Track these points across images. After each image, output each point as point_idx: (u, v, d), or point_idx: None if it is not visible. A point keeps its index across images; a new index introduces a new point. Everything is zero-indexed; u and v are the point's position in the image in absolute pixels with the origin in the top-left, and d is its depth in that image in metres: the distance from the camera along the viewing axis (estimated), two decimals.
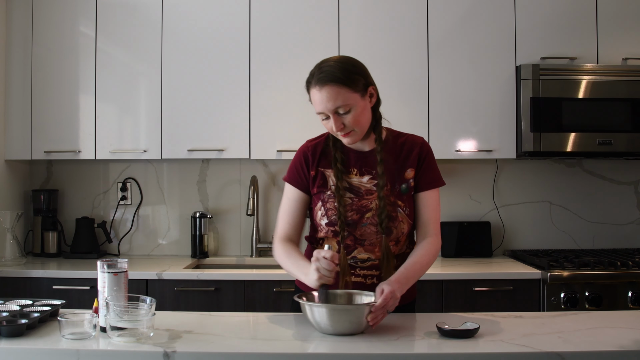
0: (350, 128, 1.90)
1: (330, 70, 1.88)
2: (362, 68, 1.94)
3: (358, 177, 1.99)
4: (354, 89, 1.88)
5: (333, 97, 1.86)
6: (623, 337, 1.71)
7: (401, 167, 2.00)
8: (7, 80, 3.44)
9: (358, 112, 1.90)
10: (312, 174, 2.01)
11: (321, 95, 1.87)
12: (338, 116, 1.89)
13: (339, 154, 1.99)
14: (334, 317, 1.69)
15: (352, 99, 1.88)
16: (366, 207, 1.97)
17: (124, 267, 1.77)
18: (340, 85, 1.86)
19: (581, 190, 3.68)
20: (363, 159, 2.00)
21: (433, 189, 2.03)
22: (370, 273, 1.99)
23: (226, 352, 1.60)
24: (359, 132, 1.93)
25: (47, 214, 3.58)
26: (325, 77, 1.87)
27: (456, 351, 1.59)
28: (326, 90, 1.86)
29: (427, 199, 2.02)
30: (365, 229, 1.96)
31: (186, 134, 3.38)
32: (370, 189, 1.98)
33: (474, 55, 3.34)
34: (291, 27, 3.36)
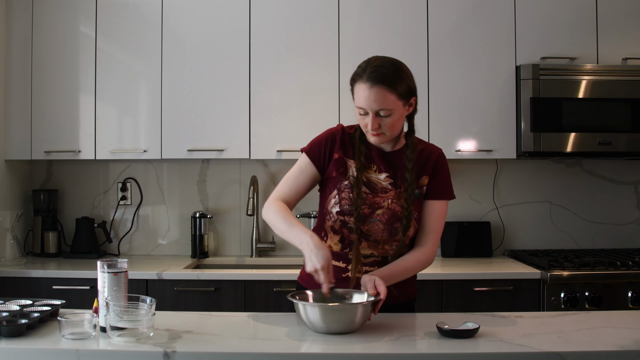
0: (383, 130, 1.93)
1: (385, 71, 1.89)
2: (412, 77, 1.96)
3: (376, 174, 2.01)
4: (401, 96, 1.91)
5: (380, 99, 1.88)
6: (623, 337, 1.71)
7: (418, 173, 2.02)
8: (7, 80, 3.44)
9: (396, 118, 1.92)
10: (336, 157, 2.02)
11: (369, 93, 1.89)
12: (377, 117, 1.91)
13: (363, 148, 2.01)
14: (326, 316, 1.70)
15: (396, 105, 1.91)
16: (378, 204, 1.98)
17: (124, 267, 1.77)
18: (391, 90, 1.88)
19: (581, 190, 3.68)
20: (384, 158, 2.03)
21: (442, 200, 2.03)
22: (372, 269, 1.99)
23: (226, 352, 1.60)
24: (389, 136, 1.96)
25: (47, 214, 3.58)
26: (379, 77, 1.88)
27: (456, 351, 1.59)
28: (376, 90, 1.88)
29: (434, 208, 2.03)
30: (373, 224, 1.98)
31: (186, 134, 3.38)
32: (385, 187, 2.00)
33: (474, 55, 3.34)
34: (291, 28, 3.36)
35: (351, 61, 3.34)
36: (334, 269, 1.86)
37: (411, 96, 1.96)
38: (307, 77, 3.33)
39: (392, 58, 1.97)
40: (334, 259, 1.99)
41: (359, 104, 1.93)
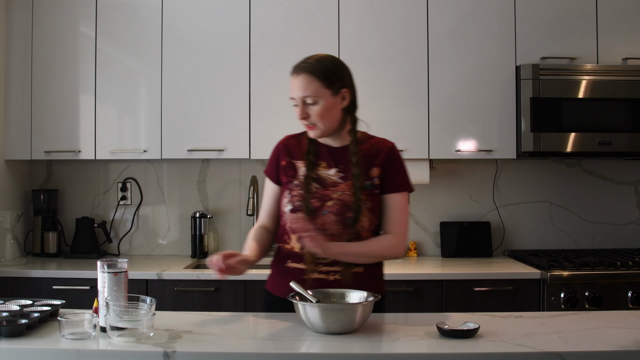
0: (313, 121, 2.00)
1: (311, 62, 2.02)
2: (343, 70, 2.05)
3: (326, 170, 2.07)
4: (327, 85, 1.99)
5: (304, 86, 1.99)
6: (623, 337, 1.71)
7: (368, 165, 2.05)
8: (7, 80, 3.44)
9: (324, 107, 1.99)
10: (283, 164, 2.12)
11: (295, 81, 2.01)
12: (304, 105, 2.00)
13: (312, 147, 2.09)
14: (326, 316, 1.70)
15: (322, 94, 1.99)
16: (328, 196, 2.02)
17: (124, 267, 1.77)
18: (314, 77, 1.98)
19: (581, 190, 3.68)
20: (333, 154, 2.08)
21: (399, 193, 2.07)
22: (332, 269, 2.00)
23: (226, 352, 1.60)
24: (322, 127, 2.02)
25: (47, 214, 3.58)
26: (304, 67, 2.01)
27: (456, 351, 1.59)
28: (301, 78, 2.00)
29: (392, 201, 2.06)
30: (326, 217, 2.00)
31: (186, 134, 3.38)
32: (335, 181, 2.04)
33: (474, 55, 3.34)
34: (291, 27, 3.36)
35: (351, 61, 3.33)
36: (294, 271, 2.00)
37: (341, 87, 2.02)
38: None
39: (329, 54, 2.09)
40: (295, 261, 2.04)
41: (290, 94, 2.03)
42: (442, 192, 3.67)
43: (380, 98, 3.36)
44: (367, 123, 2.12)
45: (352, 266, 2.00)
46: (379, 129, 3.33)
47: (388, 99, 3.36)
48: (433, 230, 3.67)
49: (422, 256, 3.62)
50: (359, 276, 2.01)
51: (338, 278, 1.98)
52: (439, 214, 3.68)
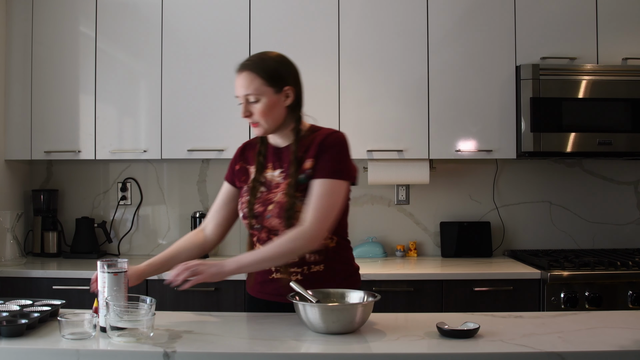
0: (256, 119, 2.00)
1: (254, 60, 2.02)
2: (287, 67, 2.03)
3: (272, 171, 2.06)
4: (269, 83, 1.98)
5: (246, 84, 1.98)
6: (623, 337, 1.71)
7: (303, 158, 2.00)
8: (7, 80, 3.44)
9: (267, 105, 1.98)
10: (237, 168, 2.15)
11: (238, 79, 2.01)
12: (247, 103, 2.00)
13: (263, 148, 2.09)
14: (326, 316, 1.70)
15: (264, 92, 1.97)
16: (270, 199, 2.01)
17: (124, 267, 1.77)
18: (256, 75, 1.97)
19: (581, 190, 3.68)
20: (278, 154, 2.07)
21: (323, 179, 1.94)
22: (293, 270, 2.01)
23: (226, 352, 1.60)
24: (265, 125, 2.00)
25: (47, 214, 3.58)
26: (246, 65, 2.00)
27: (456, 351, 1.59)
28: (243, 76, 1.99)
29: (314, 186, 1.95)
30: (270, 220, 2.00)
31: (186, 134, 3.38)
32: (278, 183, 2.03)
33: (474, 55, 3.34)
34: (291, 27, 3.36)
35: (351, 61, 3.36)
36: (262, 271, 2.04)
37: (284, 85, 1.99)
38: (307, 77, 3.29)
39: (275, 52, 2.06)
40: None
41: (235, 93, 2.02)
42: (442, 192, 3.67)
43: (380, 98, 3.36)
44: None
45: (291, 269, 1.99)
46: (379, 129, 3.36)
47: (388, 99, 3.36)
48: (433, 230, 3.67)
49: (422, 256, 3.62)
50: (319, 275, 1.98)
51: (300, 278, 1.99)
52: (439, 214, 3.68)
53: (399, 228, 3.67)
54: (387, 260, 3.49)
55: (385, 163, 3.40)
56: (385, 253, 3.57)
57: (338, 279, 2.01)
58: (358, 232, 3.60)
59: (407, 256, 3.60)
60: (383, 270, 3.15)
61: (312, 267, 2.01)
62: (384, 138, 3.35)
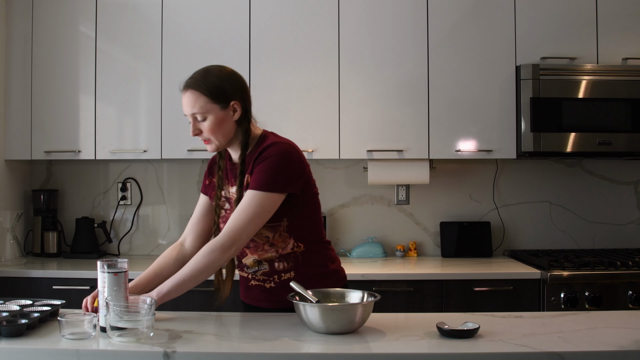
0: (206, 136, 1.97)
1: (197, 77, 1.96)
2: (231, 82, 1.98)
3: (231, 188, 2.06)
4: (214, 100, 1.94)
5: (192, 103, 1.95)
6: (623, 337, 1.71)
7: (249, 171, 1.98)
8: (7, 80, 3.44)
9: (214, 122, 1.95)
10: (207, 183, 2.17)
11: (184, 98, 1.97)
12: (195, 122, 1.97)
13: (223, 163, 2.08)
14: (326, 316, 1.70)
15: (210, 109, 1.94)
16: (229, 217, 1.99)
17: (124, 267, 1.77)
18: (200, 93, 1.94)
19: (581, 190, 3.68)
20: (234, 170, 2.04)
21: (251, 190, 1.92)
22: (266, 278, 2.04)
23: (226, 352, 1.60)
24: (216, 142, 1.98)
25: (47, 214, 3.58)
26: (189, 83, 1.96)
27: (456, 351, 1.59)
28: (187, 95, 1.96)
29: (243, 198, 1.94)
30: None
31: (186, 134, 3.31)
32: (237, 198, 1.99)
33: (474, 55, 3.34)
34: (291, 27, 3.36)
35: (351, 61, 3.36)
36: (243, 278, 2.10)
37: (229, 100, 1.96)
38: (307, 77, 3.33)
39: (219, 66, 2.01)
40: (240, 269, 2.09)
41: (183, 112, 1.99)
42: (442, 192, 3.67)
43: (380, 98, 3.36)
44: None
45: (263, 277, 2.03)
46: (378, 129, 3.36)
47: (388, 98, 3.36)
48: (433, 230, 3.67)
49: (422, 256, 3.62)
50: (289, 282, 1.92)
51: (273, 286, 2.02)
52: (439, 214, 3.68)
53: (399, 228, 3.67)
54: (387, 260, 3.49)
55: (385, 163, 3.40)
56: (385, 253, 3.57)
57: (312, 282, 1.96)
58: (358, 232, 3.59)
59: (407, 256, 3.60)
60: (383, 270, 3.15)
61: (282, 275, 2.02)
62: (383, 138, 3.35)
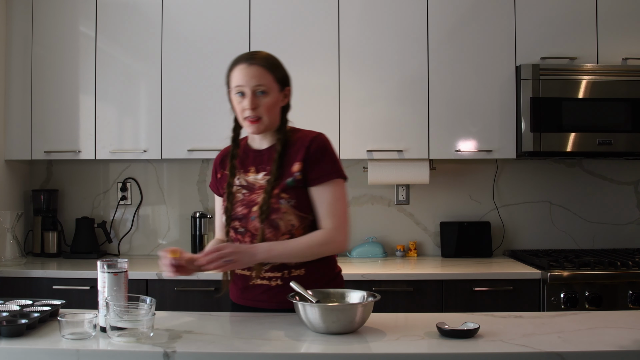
0: (260, 113, 1.98)
1: (261, 56, 2.02)
2: (286, 70, 2.07)
3: (254, 175, 2.05)
4: (277, 79, 2.00)
5: (258, 76, 1.97)
6: (623, 337, 1.71)
7: (290, 161, 2.00)
8: (7, 80, 3.44)
9: (272, 100, 1.99)
10: (219, 176, 2.16)
11: (248, 70, 1.98)
12: (254, 96, 1.98)
13: (237, 151, 2.10)
14: (326, 316, 1.70)
15: (272, 87, 1.99)
16: (254, 201, 2.01)
17: (124, 267, 1.77)
18: (268, 70, 1.99)
19: (581, 190, 3.68)
20: (260, 157, 2.07)
21: (324, 184, 1.97)
22: (273, 275, 2.01)
23: (226, 352, 1.60)
24: (266, 121, 2.00)
25: (47, 214, 3.58)
26: (256, 59, 2.00)
27: (456, 351, 1.59)
28: (254, 68, 1.98)
29: (318, 194, 1.98)
30: (255, 222, 1.99)
31: (186, 134, 3.38)
32: (262, 185, 2.02)
33: (474, 55, 3.34)
34: (291, 27, 3.36)
35: (351, 61, 3.36)
36: (241, 277, 2.04)
37: (286, 85, 2.04)
38: (307, 77, 3.33)
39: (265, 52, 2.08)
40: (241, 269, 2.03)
41: (236, 82, 2.00)
42: (442, 192, 3.67)
43: (380, 98, 3.36)
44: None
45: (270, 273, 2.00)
46: (378, 129, 3.36)
47: (388, 98, 3.36)
48: (433, 230, 3.67)
49: (422, 256, 3.62)
50: (300, 279, 1.95)
51: (280, 284, 1.99)
52: (439, 214, 3.68)
53: (399, 228, 3.67)
54: (387, 260, 3.49)
55: (385, 163, 3.40)
56: (385, 253, 3.57)
57: (319, 284, 1.97)
58: (358, 232, 3.60)
59: (407, 256, 3.60)
60: (383, 270, 3.15)
61: (292, 271, 2.00)
62: (383, 138, 3.35)
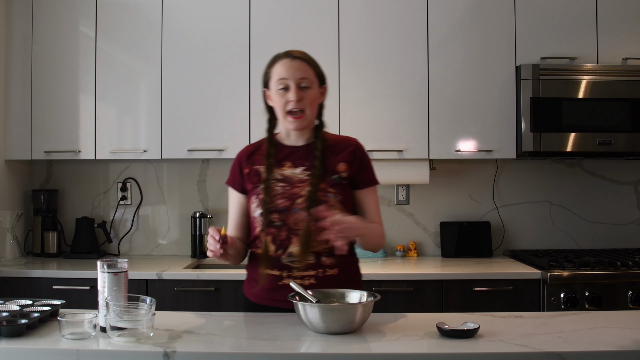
0: (304, 105, 2.03)
1: (301, 52, 2.11)
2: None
3: (291, 169, 2.07)
4: (317, 76, 2.09)
5: (303, 69, 2.05)
6: (623, 337, 1.71)
7: (334, 159, 2.07)
8: (7, 80, 3.44)
9: (314, 94, 2.07)
10: (246, 172, 2.15)
11: (292, 64, 2.05)
12: (298, 89, 2.03)
13: (272, 150, 2.12)
14: (326, 316, 1.70)
15: (314, 81, 2.07)
16: (297, 194, 2.02)
17: (124, 267, 1.77)
18: (309, 66, 2.07)
19: (581, 190, 3.68)
20: (297, 153, 2.10)
21: (371, 187, 2.12)
22: (307, 274, 2.01)
23: (226, 352, 1.60)
24: (309, 116, 2.06)
25: (47, 214, 3.58)
26: (299, 54, 2.09)
27: (456, 351, 1.59)
28: (298, 62, 2.06)
29: (368, 196, 2.11)
30: (297, 215, 2.00)
31: (186, 134, 3.38)
32: (302, 179, 2.05)
33: (474, 55, 3.34)
34: (291, 27, 3.36)
35: (351, 61, 3.36)
36: (270, 278, 2.03)
37: (323, 82, 2.11)
38: None
39: None
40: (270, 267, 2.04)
41: (280, 75, 2.06)
42: (442, 192, 3.67)
43: (380, 98, 3.36)
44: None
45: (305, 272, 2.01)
46: (378, 129, 3.36)
47: (388, 99, 3.36)
48: (433, 230, 3.67)
49: (422, 256, 3.62)
50: (333, 278, 2.00)
51: (313, 282, 2.00)
52: (439, 214, 3.68)
53: (399, 228, 3.67)
54: (387, 260, 3.49)
55: (385, 163, 3.40)
56: (385, 253, 3.57)
57: (349, 285, 2.00)
58: None
59: (407, 256, 3.60)
60: (383, 270, 3.15)
61: (327, 270, 2.02)
62: (383, 138, 3.35)
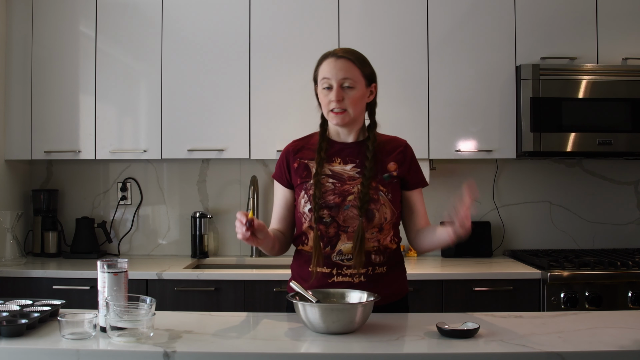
0: (346, 105, 2.02)
1: (350, 51, 2.09)
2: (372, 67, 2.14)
3: (341, 166, 2.07)
4: (364, 74, 2.06)
5: (346, 69, 2.03)
6: (623, 337, 1.71)
7: (384, 159, 2.09)
8: (7, 80, 3.44)
9: (358, 94, 2.05)
10: (295, 166, 2.11)
11: (336, 64, 2.04)
12: (340, 88, 2.02)
13: (324, 144, 2.10)
14: (326, 316, 1.70)
15: (359, 81, 2.05)
16: (348, 191, 2.02)
17: (124, 267, 1.77)
18: (355, 64, 2.05)
19: (581, 190, 3.68)
20: (347, 149, 2.10)
21: (419, 189, 2.17)
22: (356, 271, 2.01)
23: (226, 352, 1.60)
24: (352, 114, 2.04)
25: (47, 214, 3.58)
26: (346, 54, 2.06)
27: (456, 351, 1.59)
28: (342, 61, 2.04)
29: (418, 197, 2.16)
30: (348, 212, 2.00)
31: (186, 134, 3.38)
32: (353, 176, 2.05)
33: (474, 55, 3.34)
34: (291, 27, 3.36)
35: None
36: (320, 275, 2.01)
37: (372, 81, 2.11)
38: (307, 77, 3.30)
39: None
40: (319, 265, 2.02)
41: (323, 75, 2.05)
42: (442, 192, 3.67)
43: (380, 98, 3.32)
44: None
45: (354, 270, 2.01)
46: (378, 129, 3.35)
47: (388, 99, 3.34)
48: None
49: (422, 256, 3.62)
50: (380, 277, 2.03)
51: (363, 280, 2.00)
52: (439, 214, 3.66)
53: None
54: None
55: None
56: None
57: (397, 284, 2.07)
58: None
59: (407, 256, 3.59)
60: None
61: (376, 268, 2.03)
62: None
